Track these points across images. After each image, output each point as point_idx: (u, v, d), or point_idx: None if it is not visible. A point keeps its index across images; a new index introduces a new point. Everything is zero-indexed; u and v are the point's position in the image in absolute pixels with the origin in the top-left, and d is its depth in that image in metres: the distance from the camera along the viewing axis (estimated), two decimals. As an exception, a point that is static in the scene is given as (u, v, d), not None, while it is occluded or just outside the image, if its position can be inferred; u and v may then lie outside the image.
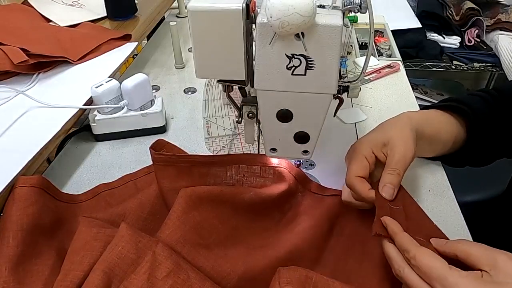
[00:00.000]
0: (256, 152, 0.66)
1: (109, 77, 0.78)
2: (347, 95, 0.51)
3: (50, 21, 0.98)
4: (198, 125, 0.81)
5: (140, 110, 0.75)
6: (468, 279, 0.40)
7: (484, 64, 1.75)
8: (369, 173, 0.56)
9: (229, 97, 0.56)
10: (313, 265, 0.54)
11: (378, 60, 1.01)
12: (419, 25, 1.71)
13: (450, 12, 1.75)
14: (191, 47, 0.66)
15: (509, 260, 0.41)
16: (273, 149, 0.57)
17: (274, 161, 0.61)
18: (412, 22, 1.72)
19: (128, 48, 0.92)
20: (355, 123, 0.80)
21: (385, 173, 0.54)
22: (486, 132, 0.62)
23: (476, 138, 0.62)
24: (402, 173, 0.54)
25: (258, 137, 0.61)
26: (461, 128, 0.63)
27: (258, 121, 0.56)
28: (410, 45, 1.71)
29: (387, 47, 1.07)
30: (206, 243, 0.52)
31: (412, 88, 0.92)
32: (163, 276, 0.47)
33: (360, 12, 0.46)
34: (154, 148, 0.61)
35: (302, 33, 0.43)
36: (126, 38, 0.94)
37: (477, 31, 1.75)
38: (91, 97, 0.74)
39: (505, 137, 0.64)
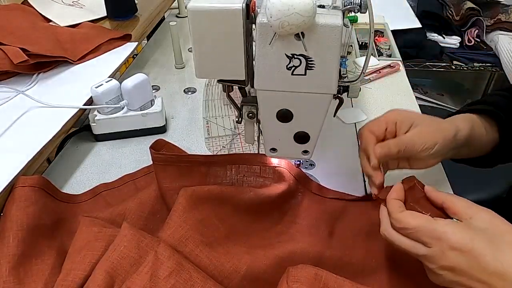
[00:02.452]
0: (256, 152, 0.66)
1: (109, 77, 0.78)
2: (347, 95, 0.51)
3: (50, 21, 0.98)
4: (198, 125, 0.81)
5: (140, 110, 0.75)
6: (452, 225, 0.44)
7: (484, 64, 1.75)
8: (384, 138, 0.57)
9: (229, 97, 0.56)
10: (315, 265, 0.54)
11: (378, 60, 1.01)
12: (419, 25, 1.71)
13: (450, 12, 1.75)
14: (191, 47, 0.66)
15: (488, 213, 0.45)
16: (273, 149, 0.57)
17: (274, 161, 0.61)
18: (412, 22, 1.71)
19: (128, 48, 0.92)
20: (355, 123, 0.80)
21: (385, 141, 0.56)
22: None
23: (507, 136, 0.63)
24: (392, 148, 0.54)
25: (258, 137, 0.61)
26: (494, 129, 0.63)
27: (258, 121, 0.56)
28: (410, 45, 1.71)
29: (387, 47, 1.07)
30: (208, 241, 0.52)
31: (412, 88, 0.92)
32: (165, 276, 0.47)
33: (360, 12, 0.47)
34: (154, 148, 0.61)
35: (302, 33, 0.43)
36: (126, 38, 0.94)
37: (477, 31, 1.75)
38: (91, 97, 0.74)
39: None
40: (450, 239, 0.43)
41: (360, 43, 1.06)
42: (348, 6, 0.46)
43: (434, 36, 1.79)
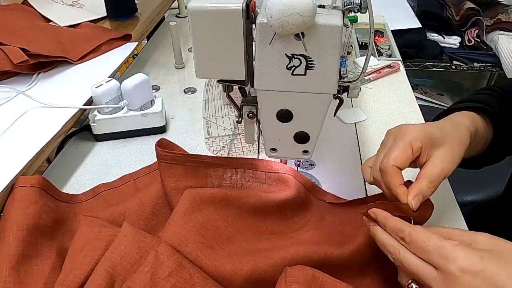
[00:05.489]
0: (256, 152, 0.66)
1: (109, 77, 0.78)
2: (347, 95, 0.51)
3: (50, 21, 0.98)
4: (198, 125, 0.81)
5: (140, 110, 0.75)
6: (461, 246, 0.42)
7: (484, 64, 1.75)
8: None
9: (229, 97, 0.56)
10: (318, 267, 0.52)
11: (378, 60, 1.01)
12: (419, 25, 1.71)
13: (450, 12, 1.75)
14: (191, 47, 0.66)
15: (487, 235, 0.44)
16: (273, 149, 0.57)
17: (281, 168, 0.61)
18: (412, 22, 1.72)
19: (128, 48, 0.92)
20: (355, 123, 0.80)
21: (422, 182, 0.49)
22: (504, 128, 0.61)
23: (500, 135, 0.61)
24: (436, 188, 0.50)
25: (258, 137, 0.61)
26: (489, 127, 0.61)
27: (258, 121, 0.56)
28: (410, 45, 1.71)
29: (387, 47, 1.07)
30: (209, 243, 0.52)
31: (412, 88, 0.92)
32: (165, 276, 0.47)
33: (360, 12, 0.47)
34: (158, 147, 0.61)
35: (302, 33, 0.43)
36: (126, 38, 0.94)
37: (477, 31, 1.75)
38: (91, 97, 0.74)
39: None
40: (458, 258, 0.40)
41: (360, 43, 1.06)
42: (348, 6, 0.46)
43: (434, 36, 1.79)
